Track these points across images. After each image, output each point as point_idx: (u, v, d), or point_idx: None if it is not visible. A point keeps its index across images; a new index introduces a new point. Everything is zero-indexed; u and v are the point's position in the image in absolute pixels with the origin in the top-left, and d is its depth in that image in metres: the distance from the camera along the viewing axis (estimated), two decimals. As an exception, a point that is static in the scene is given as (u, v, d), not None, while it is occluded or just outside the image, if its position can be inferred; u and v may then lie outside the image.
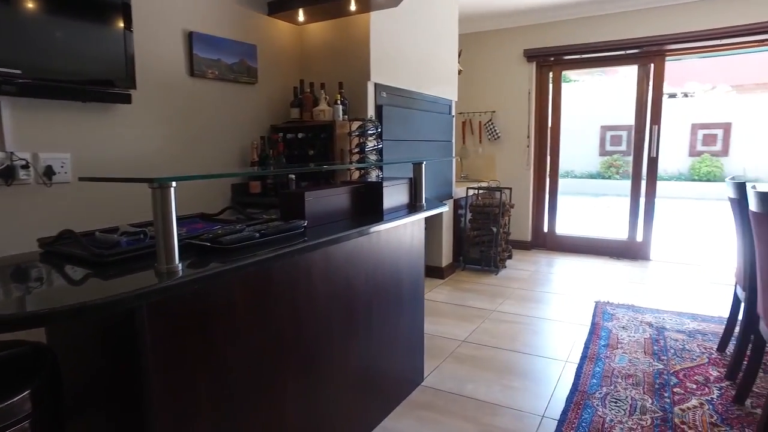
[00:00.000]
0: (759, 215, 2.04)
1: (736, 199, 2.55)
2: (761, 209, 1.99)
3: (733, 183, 2.56)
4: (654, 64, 4.94)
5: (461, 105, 5.85)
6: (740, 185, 2.48)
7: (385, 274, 2.16)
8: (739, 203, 2.51)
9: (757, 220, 2.10)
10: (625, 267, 4.94)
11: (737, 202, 2.55)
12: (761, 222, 2.04)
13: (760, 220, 2.06)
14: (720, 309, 3.64)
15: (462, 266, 4.90)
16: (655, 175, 5.09)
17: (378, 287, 2.12)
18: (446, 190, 4.50)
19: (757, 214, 2.07)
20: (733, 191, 2.58)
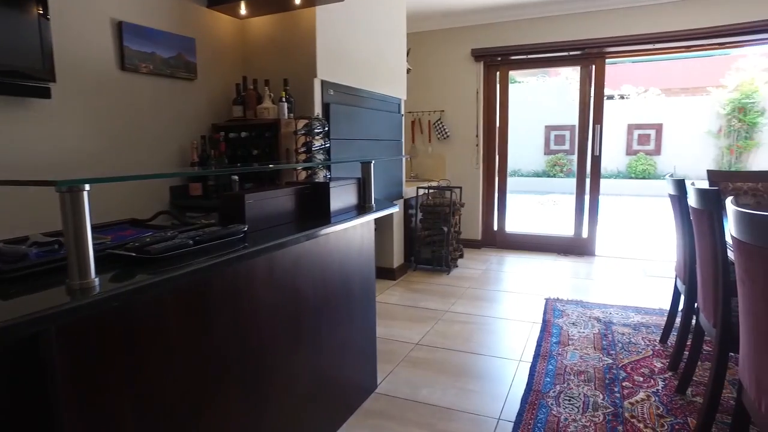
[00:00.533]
0: (699, 211, 2.09)
1: (676, 195, 2.62)
2: (701, 205, 2.04)
3: (672, 180, 2.63)
4: (595, 65, 5.09)
5: (411, 104, 5.82)
6: (680, 182, 2.55)
7: (334, 279, 2.07)
8: (679, 200, 2.58)
9: (696, 216, 2.16)
10: (572, 263, 5.06)
11: (677, 199, 2.62)
12: (701, 218, 2.09)
13: (699, 216, 2.11)
14: (660, 301, 3.77)
15: (414, 267, 4.86)
16: (598, 174, 5.24)
17: (327, 293, 2.02)
18: (396, 190, 4.44)
19: (696, 210, 2.11)
20: (673, 188, 2.65)
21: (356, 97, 3.72)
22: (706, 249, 2.06)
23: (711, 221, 1.95)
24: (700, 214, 2.08)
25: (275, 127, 2.98)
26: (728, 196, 1.89)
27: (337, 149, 3.37)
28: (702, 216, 2.06)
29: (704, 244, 2.09)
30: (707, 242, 2.03)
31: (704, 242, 2.09)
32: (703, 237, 2.10)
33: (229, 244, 1.47)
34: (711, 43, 4.71)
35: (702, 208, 2.03)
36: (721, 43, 4.71)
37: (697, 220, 2.15)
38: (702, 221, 2.07)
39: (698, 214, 2.12)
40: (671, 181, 2.65)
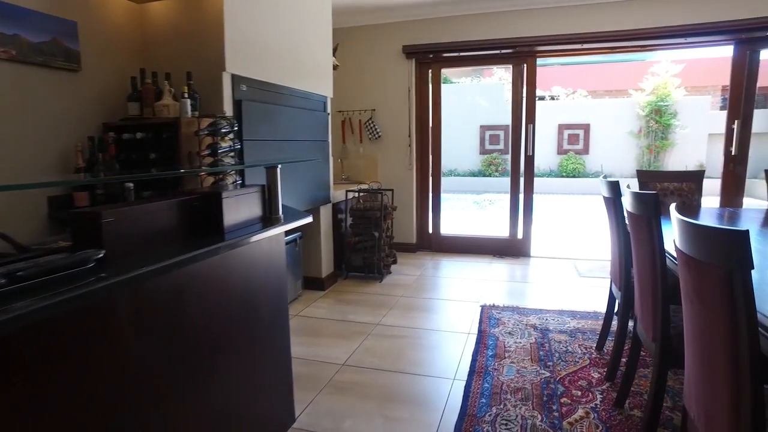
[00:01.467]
0: (636, 217, 1.95)
1: (611, 198, 2.50)
2: (639, 211, 1.89)
3: (607, 182, 2.51)
4: (526, 64, 5.02)
5: (340, 103, 5.53)
6: (614, 184, 2.43)
7: (234, 305, 1.74)
8: (614, 202, 2.46)
9: (634, 221, 2.02)
10: (508, 266, 4.96)
11: (611, 201, 2.50)
12: (638, 224, 1.95)
13: (637, 222, 1.97)
14: (595, 303, 3.70)
15: (345, 275, 4.58)
16: (532, 173, 5.18)
17: (225, 323, 1.69)
18: (323, 194, 4.14)
19: (634, 215, 1.97)
20: (607, 190, 2.53)
21: (275, 94, 3.38)
22: (644, 258, 1.92)
23: (649, 228, 1.80)
24: (638, 220, 1.93)
25: (175, 126, 2.60)
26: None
27: (251, 152, 3.02)
28: (640, 222, 1.91)
29: (642, 253, 1.95)
30: (645, 251, 1.89)
31: (642, 251, 1.95)
32: (640, 245, 1.96)
33: (73, 278, 1.13)
34: (633, 45, 4.75)
35: (640, 213, 1.88)
36: (642, 45, 4.77)
37: (635, 226, 2.01)
38: (640, 228, 1.93)
39: (635, 219, 1.97)
40: (605, 183, 2.53)
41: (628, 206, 2.00)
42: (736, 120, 4.58)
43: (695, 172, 3.27)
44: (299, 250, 3.96)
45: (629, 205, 1.97)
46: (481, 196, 12.61)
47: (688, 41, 4.59)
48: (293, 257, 3.86)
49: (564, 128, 13.90)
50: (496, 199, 11.58)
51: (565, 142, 13.95)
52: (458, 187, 13.59)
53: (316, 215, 4.14)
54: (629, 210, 1.99)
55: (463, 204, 11.61)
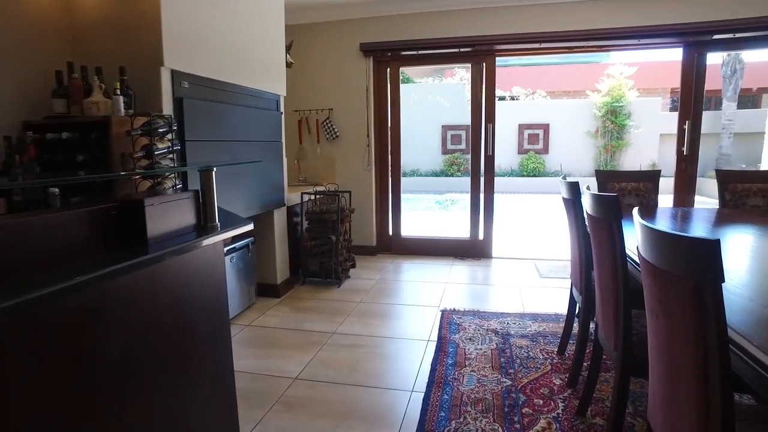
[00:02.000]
0: (596, 219, 1.87)
1: (570, 199, 2.43)
2: (598, 213, 1.81)
3: (566, 183, 2.43)
4: (486, 63, 4.96)
5: (297, 102, 5.35)
6: (573, 185, 2.35)
7: (163, 324, 1.56)
8: (573, 204, 2.39)
9: (594, 224, 1.94)
10: (469, 267, 4.89)
11: (571, 203, 2.43)
12: (599, 227, 1.86)
13: (597, 224, 1.88)
14: (556, 305, 3.66)
15: (302, 280, 4.39)
16: (492, 173, 5.13)
17: (152, 345, 1.50)
18: (277, 197, 3.95)
19: (594, 218, 1.89)
20: (566, 191, 2.45)
21: (221, 92, 3.18)
22: (605, 262, 1.84)
23: (611, 233, 1.71)
24: (599, 223, 1.85)
25: (105, 126, 2.37)
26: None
27: (195, 153, 2.81)
28: (601, 225, 1.83)
29: (603, 257, 1.87)
30: (606, 255, 1.81)
31: (603, 255, 1.87)
32: (601, 249, 1.88)
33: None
34: (590, 45, 4.76)
35: (601, 216, 1.80)
36: (598, 45, 4.78)
37: (595, 229, 1.93)
38: (601, 231, 1.85)
39: (596, 222, 1.89)
40: (565, 184, 2.46)
41: (588, 208, 1.92)
42: (687, 120, 4.64)
43: (652, 172, 3.25)
44: (252, 256, 3.76)
45: (590, 207, 1.88)
46: (444, 196, 12.61)
47: (641, 42, 4.63)
48: (246, 263, 3.65)
49: (524, 128, 14.07)
50: (458, 199, 11.60)
51: (526, 142, 14.13)
52: (421, 187, 13.56)
53: (270, 219, 3.95)
54: (590, 212, 1.91)
55: (426, 204, 11.57)
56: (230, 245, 3.47)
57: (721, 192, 3.14)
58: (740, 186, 3.12)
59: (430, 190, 13.37)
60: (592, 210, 1.85)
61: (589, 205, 1.89)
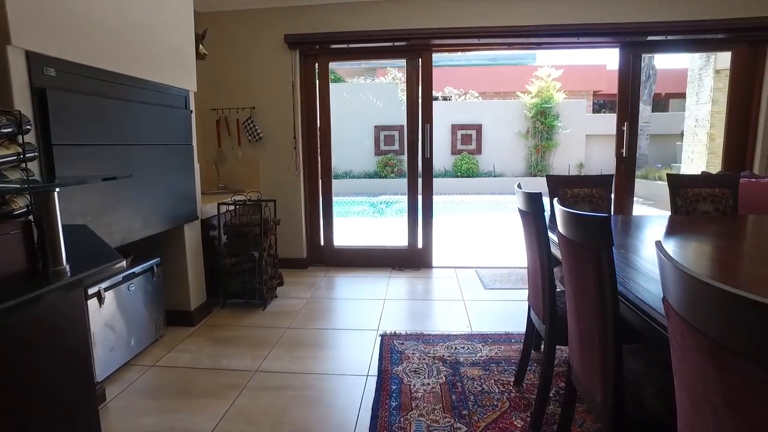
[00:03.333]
0: (575, 244, 1.51)
1: (530, 213, 2.09)
2: (579, 237, 1.46)
3: (525, 194, 2.09)
4: (422, 58, 4.61)
5: (214, 100, 4.75)
6: (535, 198, 2.01)
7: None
8: (535, 220, 2.05)
9: (571, 249, 1.58)
10: (409, 280, 4.52)
11: (531, 218, 2.09)
12: (579, 253, 1.51)
13: (576, 250, 1.52)
14: (505, 322, 3.36)
15: (222, 303, 3.83)
16: (430, 178, 4.79)
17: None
18: (188, 209, 3.37)
19: (571, 242, 1.54)
20: (525, 203, 2.11)
21: (109, 84, 2.58)
22: (588, 298, 1.49)
23: (597, 263, 1.36)
24: (579, 249, 1.50)
25: (-77, 123, 1.74)
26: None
27: (69, 162, 2.22)
28: (581, 253, 1.48)
29: (585, 292, 1.52)
30: (590, 290, 1.46)
31: (585, 289, 1.52)
32: (581, 282, 1.53)
33: None
34: (529, 42, 4.54)
35: (582, 242, 1.45)
36: (537, 42, 4.56)
37: (573, 256, 1.58)
38: (581, 260, 1.49)
39: (575, 249, 1.54)
40: (523, 195, 2.11)
41: (563, 228, 1.57)
42: (626, 122, 4.54)
43: (604, 176, 3.02)
44: (159, 280, 3.16)
45: (565, 228, 1.53)
46: (378, 198, 12.28)
47: (580, 41, 4.47)
48: (150, 290, 3.06)
49: (457, 128, 14.02)
50: (393, 201, 11.30)
51: (459, 142, 14.08)
52: (354, 189, 13.14)
53: (179, 235, 3.36)
54: (565, 234, 1.55)
55: (360, 208, 11.17)
56: (129, 269, 2.87)
57: (672, 198, 2.95)
58: (690, 191, 2.95)
59: (363, 193, 12.99)
60: (570, 232, 1.50)
61: (564, 226, 1.54)
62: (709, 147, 6.75)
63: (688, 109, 7.26)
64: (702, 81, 6.89)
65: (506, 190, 13.18)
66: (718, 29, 4.26)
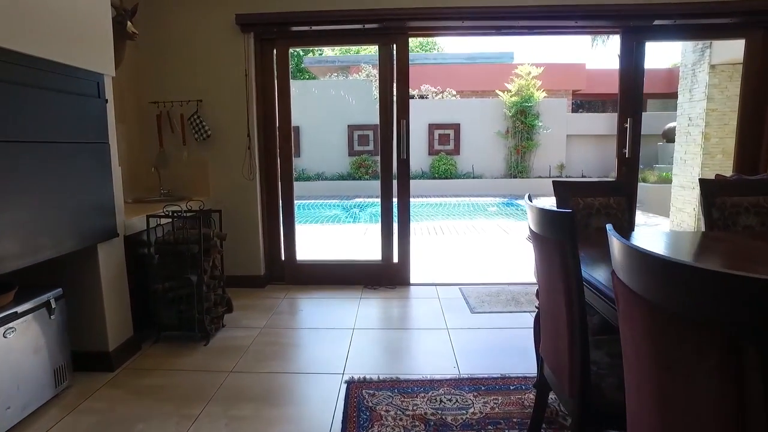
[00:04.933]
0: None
1: (553, 240, 1.46)
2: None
3: (547, 213, 1.46)
4: (397, 44, 3.99)
5: (154, 91, 4.06)
6: (564, 218, 1.38)
7: None
8: (560, 249, 1.42)
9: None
10: (383, 302, 3.89)
11: (555, 246, 1.47)
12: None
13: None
14: (500, 359, 2.75)
15: (155, 338, 3.13)
16: (407, 183, 4.15)
17: None
18: (102, 225, 2.67)
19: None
20: (544, 225, 1.49)
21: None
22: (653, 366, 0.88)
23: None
24: (634, 297, 0.88)
25: None
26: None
27: None
28: (637, 303, 0.86)
29: (645, 351, 0.91)
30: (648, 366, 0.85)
31: (645, 349, 0.91)
32: (644, 338, 0.92)
33: None
34: (519, 25, 3.96)
35: (639, 290, 0.83)
36: (528, 26, 3.98)
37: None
38: (640, 309, 0.88)
39: (630, 296, 0.92)
40: (541, 214, 1.48)
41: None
42: (629, 118, 4.00)
43: (625, 184, 2.45)
44: (60, 317, 2.46)
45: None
46: (352, 201, 11.65)
47: (577, 24, 3.92)
48: (48, 331, 2.35)
49: (434, 128, 13.46)
50: (367, 203, 10.67)
51: (436, 143, 13.52)
52: (327, 192, 12.48)
53: (92, 257, 2.66)
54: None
55: (332, 212, 10.51)
56: (8, 309, 2.16)
57: (707, 209, 2.39)
58: (729, 200, 2.39)
59: (337, 195, 12.33)
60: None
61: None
62: (704, 147, 6.32)
63: (680, 107, 6.83)
64: (696, 77, 6.46)
65: (486, 191, 12.68)
66: (731, 13, 3.75)
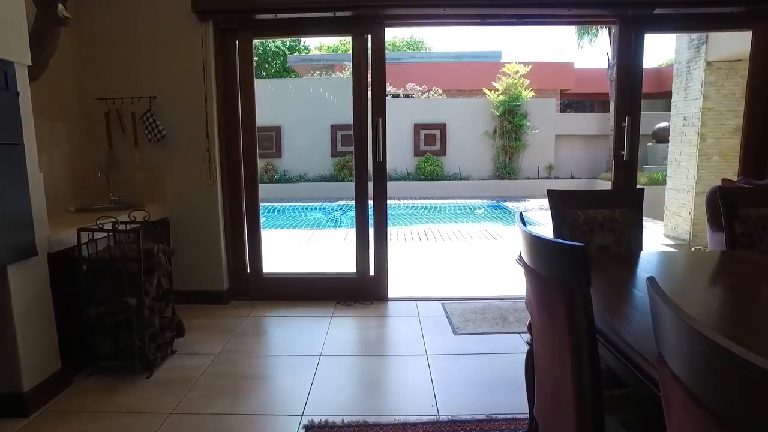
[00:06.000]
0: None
1: (555, 281, 1.08)
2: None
3: (548, 245, 1.07)
4: (372, 35, 3.60)
5: (102, 86, 3.63)
6: (574, 254, 1.00)
7: None
8: (567, 296, 1.04)
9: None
10: (357, 321, 3.49)
11: (559, 291, 1.08)
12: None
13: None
14: (485, 394, 2.37)
15: (91, 369, 2.70)
16: (383, 188, 3.77)
17: None
18: (14, 242, 2.24)
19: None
20: (544, 260, 1.10)
21: None
22: None
23: None
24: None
25: None
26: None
27: None
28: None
29: None
30: None
31: None
32: None
33: None
34: (509, 14, 3.59)
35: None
36: (518, 14, 3.62)
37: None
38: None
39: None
40: (539, 244, 1.10)
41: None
42: (627, 116, 3.64)
43: (633, 192, 2.07)
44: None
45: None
46: (335, 204, 11.24)
47: (571, 13, 3.55)
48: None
49: (420, 128, 13.08)
50: (351, 206, 10.26)
51: (422, 143, 13.15)
52: (309, 195, 12.05)
53: (1, 280, 2.23)
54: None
55: (314, 216, 10.09)
56: None
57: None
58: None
59: (319, 198, 11.91)
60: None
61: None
62: (699, 148, 6.01)
63: (675, 106, 6.53)
64: (691, 74, 6.15)
65: (473, 193, 12.34)
66: (738, 1, 3.42)
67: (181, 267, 3.72)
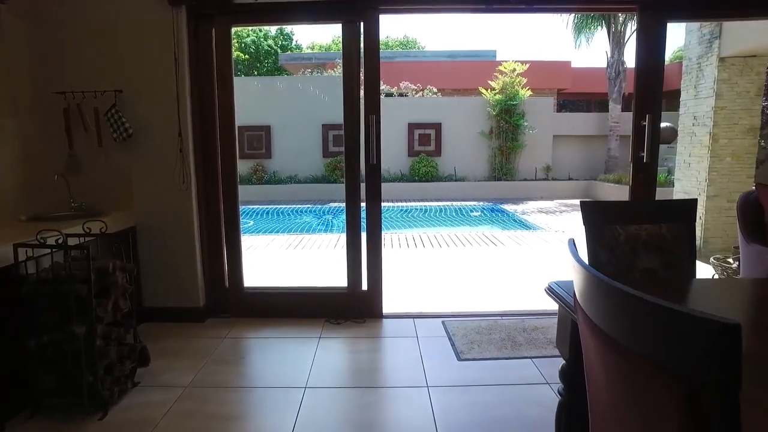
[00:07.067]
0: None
1: (661, 369, 0.70)
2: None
3: (650, 307, 0.70)
4: (365, 22, 3.22)
5: (60, 79, 3.23)
6: (709, 332, 0.63)
7: None
8: (686, 396, 0.66)
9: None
10: (347, 343, 3.11)
11: (668, 383, 0.70)
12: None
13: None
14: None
15: (31, 412, 2.30)
16: (378, 193, 3.39)
17: None
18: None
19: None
20: (626, 325, 0.73)
21: None
22: None
23: None
24: None
25: None
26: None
27: None
28: None
29: None
30: None
31: None
32: None
33: None
34: (515, 4, 3.22)
35: None
36: (528, 1, 3.25)
37: None
38: None
39: None
40: (623, 297, 0.72)
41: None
42: (648, 114, 3.29)
43: (683, 203, 1.70)
44: None
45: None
46: (326, 206, 10.85)
47: (586, 5, 3.19)
48: None
49: (414, 128, 12.70)
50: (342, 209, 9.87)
51: (416, 143, 12.77)
52: (300, 197, 11.65)
53: None
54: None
55: (302, 220, 9.70)
56: None
57: None
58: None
59: (310, 200, 11.51)
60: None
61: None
62: (711, 149, 5.68)
63: (684, 105, 6.19)
64: (702, 71, 5.82)
65: (469, 195, 11.98)
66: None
67: (151, 281, 3.34)
